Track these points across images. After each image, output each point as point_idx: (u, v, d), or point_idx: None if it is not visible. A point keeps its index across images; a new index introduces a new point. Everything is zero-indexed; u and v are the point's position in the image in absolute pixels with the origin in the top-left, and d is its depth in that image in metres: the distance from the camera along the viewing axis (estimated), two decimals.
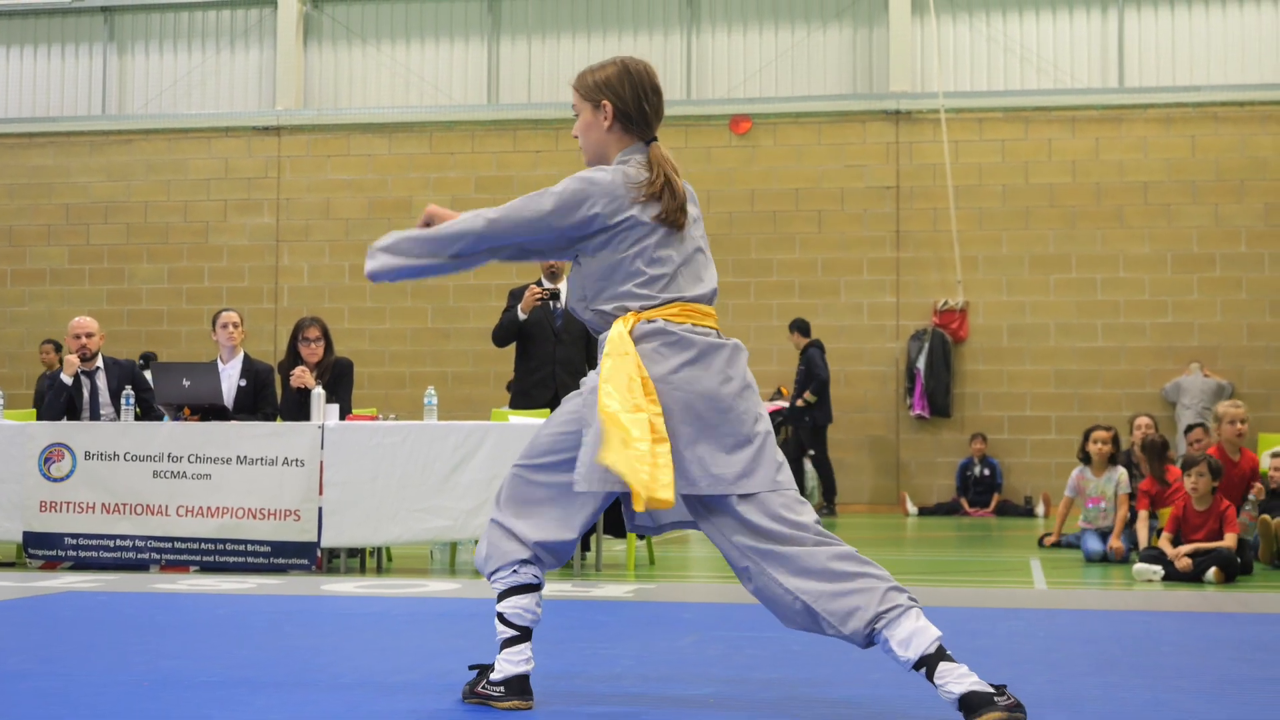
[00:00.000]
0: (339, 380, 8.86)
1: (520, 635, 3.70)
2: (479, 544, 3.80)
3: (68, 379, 9.19)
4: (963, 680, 3.40)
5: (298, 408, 8.66)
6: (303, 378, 8.72)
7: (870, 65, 16.55)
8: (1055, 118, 16.06)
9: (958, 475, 15.70)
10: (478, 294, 16.42)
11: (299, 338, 8.90)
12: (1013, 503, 15.57)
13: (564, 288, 9.33)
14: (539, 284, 9.25)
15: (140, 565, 8.16)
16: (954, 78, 16.34)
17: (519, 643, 3.69)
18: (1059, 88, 16.15)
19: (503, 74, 17.21)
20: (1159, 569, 8.07)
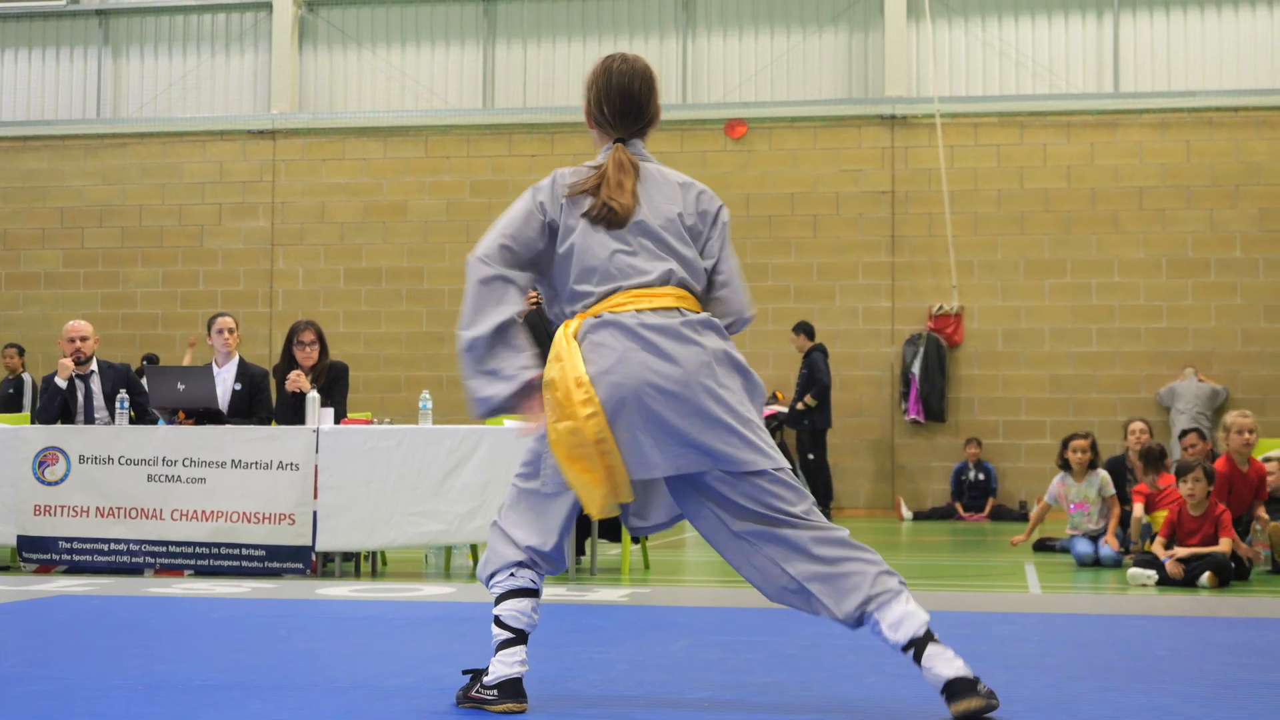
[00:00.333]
0: (334, 384, 8.85)
1: (516, 638, 3.69)
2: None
3: (62, 383, 9.18)
4: (950, 664, 3.47)
5: (292, 411, 8.65)
6: (298, 381, 8.71)
7: (865, 70, 16.57)
8: (1050, 123, 16.08)
9: (952, 480, 15.71)
10: None
11: (294, 341, 8.89)
12: (1007, 507, 15.58)
13: None
14: (533, 288, 9.25)
15: (134, 569, 8.15)
16: (949, 82, 16.36)
17: (514, 645, 3.69)
18: (1054, 93, 16.17)
19: (498, 78, 17.21)
20: (1153, 573, 8.08)
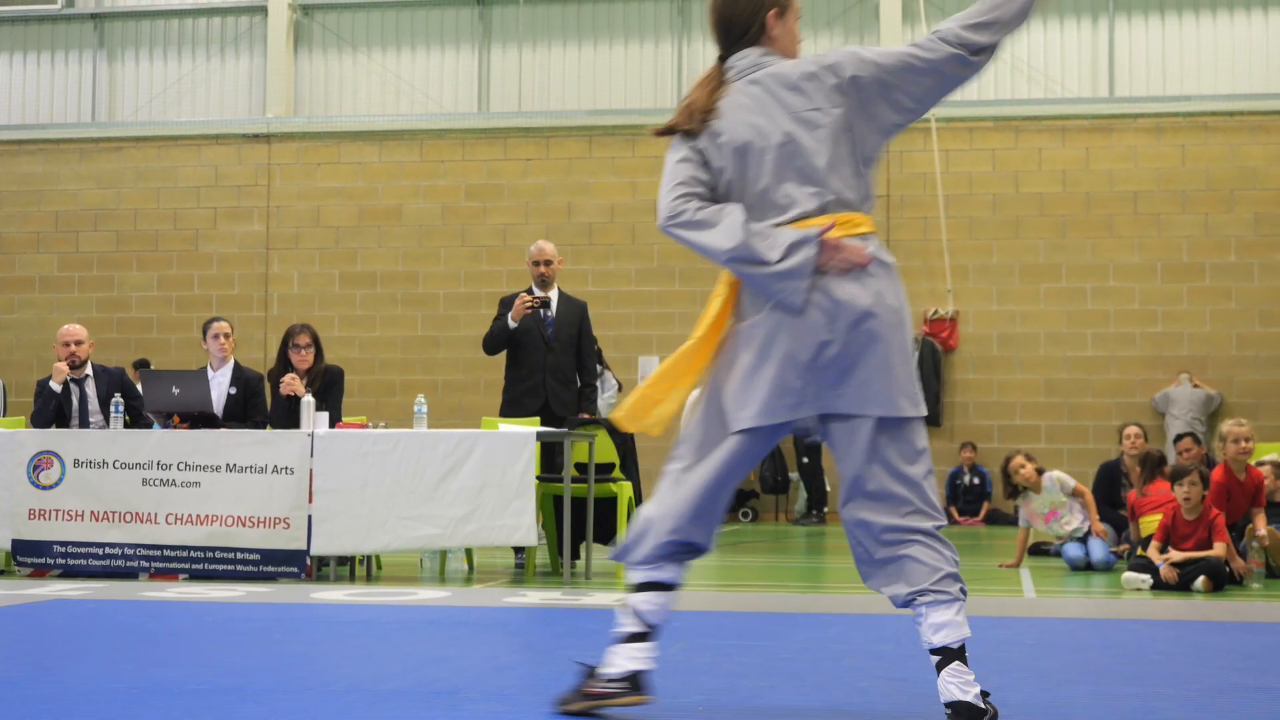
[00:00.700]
0: (330, 388, 8.84)
1: (647, 633, 3.66)
2: None
3: (56, 386, 9.17)
4: (967, 689, 3.46)
5: (287, 416, 8.65)
6: (293, 385, 8.70)
7: None
8: (1045, 127, 16.10)
9: (947, 484, 15.71)
10: (468, 302, 16.40)
11: (289, 344, 8.89)
12: (1002, 512, 15.57)
13: (554, 296, 9.35)
14: (529, 292, 9.26)
15: (129, 573, 8.14)
16: None
17: (644, 640, 3.66)
18: (1049, 97, 16.19)
19: (493, 82, 17.21)
20: (1147, 578, 8.09)
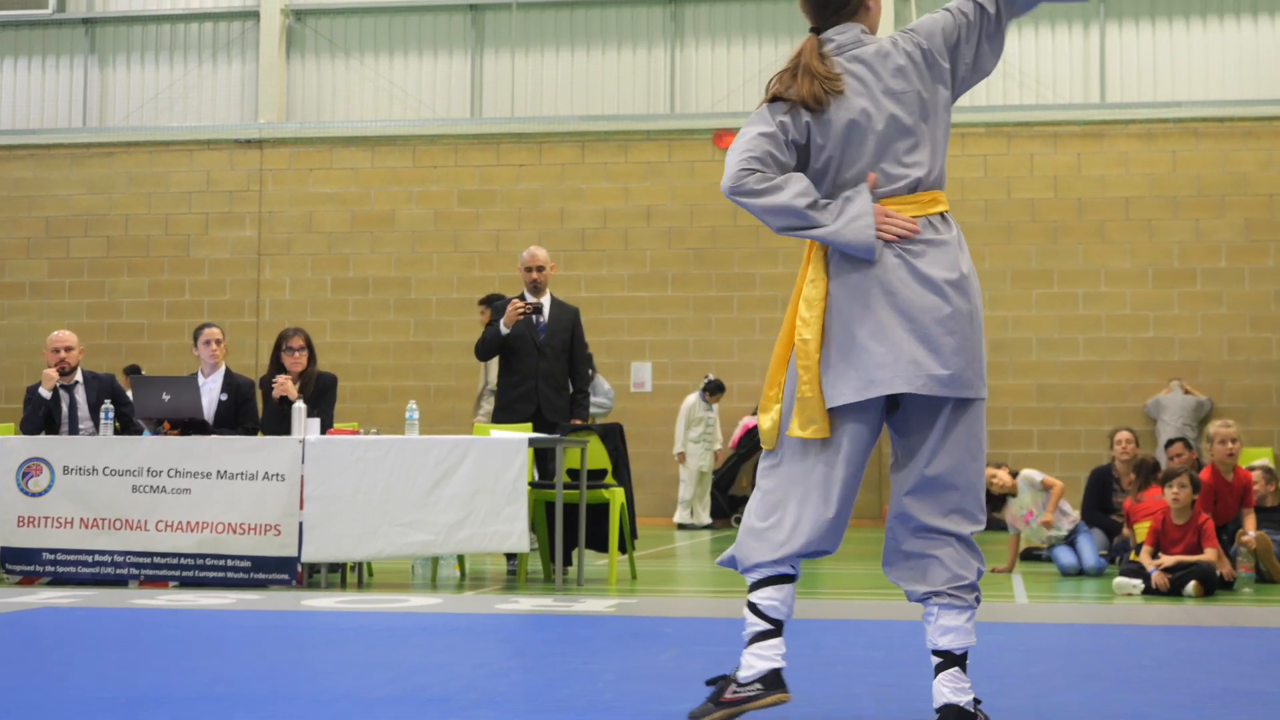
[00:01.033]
0: (322, 394, 8.83)
1: (773, 630, 3.58)
2: None
3: (46, 393, 9.15)
4: (961, 695, 3.46)
5: (279, 422, 8.63)
6: (285, 386, 8.69)
7: None
8: (1037, 133, 16.12)
9: None
10: (460, 308, 16.39)
11: (282, 348, 8.88)
12: (995, 517, 15.57)
13: (546, 302, 9.34)
14: (521, 298, 9.25)
15: (119, 580, 8.12)
16: None
17: (771, 637, 3.58)
18: (1041, 103, 16.22)
19: (486, 87, 17.21)
20: (1139, 583, 8.09)
